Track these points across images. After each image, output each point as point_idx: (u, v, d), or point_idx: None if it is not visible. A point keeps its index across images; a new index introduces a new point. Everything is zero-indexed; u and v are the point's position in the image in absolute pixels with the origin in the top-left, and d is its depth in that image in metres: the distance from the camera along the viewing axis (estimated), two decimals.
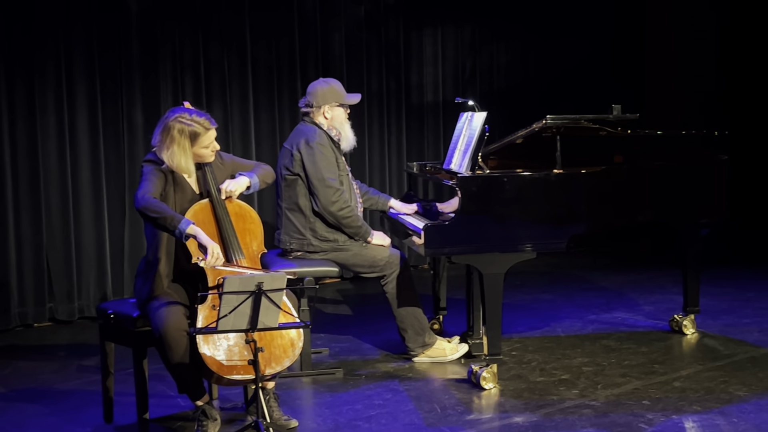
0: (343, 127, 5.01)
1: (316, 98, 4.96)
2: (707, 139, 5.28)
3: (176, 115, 3.97)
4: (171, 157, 3.94)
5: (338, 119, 4.99)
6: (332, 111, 4.97)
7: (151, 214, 3.77)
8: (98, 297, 6.35)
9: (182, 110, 4.01)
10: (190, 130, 3.94)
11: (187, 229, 3.77)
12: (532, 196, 4.50)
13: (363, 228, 4.93)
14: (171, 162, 3.95)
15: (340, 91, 5.00)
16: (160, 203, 3.81)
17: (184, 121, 3.94)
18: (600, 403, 4.28)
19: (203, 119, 3.99)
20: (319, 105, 4.95)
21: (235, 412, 4.30)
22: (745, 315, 5.87)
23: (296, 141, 4.92)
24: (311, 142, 4.86)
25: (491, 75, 8.32)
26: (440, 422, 4.10)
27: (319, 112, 4.96)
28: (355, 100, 5.06)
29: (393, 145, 7.84)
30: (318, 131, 4.92)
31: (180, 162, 3.95)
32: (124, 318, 4.01)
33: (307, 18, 7.27)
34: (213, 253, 3.80)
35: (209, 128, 3.99)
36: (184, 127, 3.93)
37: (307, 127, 4.97)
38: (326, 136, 4.93)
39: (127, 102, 6.43)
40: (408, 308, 4.94)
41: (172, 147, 3.94)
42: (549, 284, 7.08)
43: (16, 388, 4.81)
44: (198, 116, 3.99)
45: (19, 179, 6.03)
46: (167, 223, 3.77)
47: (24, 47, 6.01)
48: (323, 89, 4.98)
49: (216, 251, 3.81)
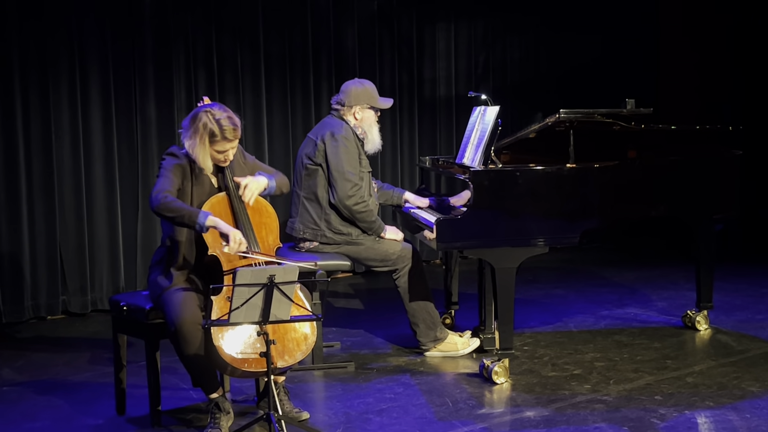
0: (371, 129, 5.03)
1: (348, 97, 4.98)
2: (721, 133, 5.26)
3: (209, 109, 3.97)
4: (192, 147, 3.96)
5: (367, 121, 5.01)
6: (363, 112, 4.99)
7: (167, 214, 3.80)
8: (111, 290, 6.37)
9: (218, 108, 3.99)
10: (211, 129, 3.93)
11: (206, 221, 3.78)
12: (544, 190, 4.49)
13: (377, 223, 4.94)
14: (191, 151, 3.97)
15: (374, 93, 5.02)
16: (175, 201, 3.82)
17: (211, 118, 3.94)
18: (612, 398, 4.27)
19: (228, 127, 3.94)
20: (351, 105, 4.97)
21: (246, 405, 4.31)
22: (758, 311, 5.85)
23: (321, 132, 4.94)
24: (336, 134, 4.88)
25: (504, 69, 8.30)
26: (451, 416, 4.10)
27: (350, 111, 4.98)
28: (388, 104, 5.08)
29: (405, 139, 7.83)
30: (345, 126, 4.95)
31: (198, 154, 3.96)
32: (137, 310, 4.02)
33: (320, 12, 7.27)
34: (235, 239, 3.81)
35: (227, 138, 3.95)
36: (208, 123, 3.93)
37: (334, 120, 4.99)
38: (352, 132, 4.95)
39: (140, 96, 6.45)
40: (420, 302, 4.94)
41: (195, 138, 3.95)
42: (561, 279, 7.07)
43: (29, 380, 4.83)
44: (226, 122, 3.94)
45: (32, 172, 6.06)
46: (186, 220, 3.79)
47: (38, 42, 6.03)
48: (357, 89, 4.99)
49: (238, 237, 3.82)
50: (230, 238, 3.81)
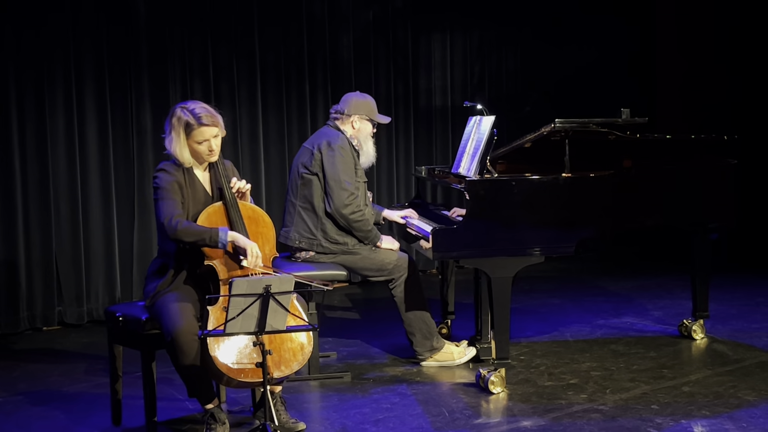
0: (367, 142, 5.07)
1: (348, 106, 5.01)
2: (717, 143, 5.26)
3: (182, 105, 4.03)
4: (170, 144, 4.01)
5: (364, 132, 5.05)
6: (361, 123, 5.02)
7: (188, 239, 3.84)
8: (107, 300, 6.36)
9: (191, 102, 4.06)
10: (186, 120, 3.97)
11: (227, 238, 3.84)
12: (540, 199, 4.50)
13: (373, 233, 4.95)
14: (171, 149, 4.00)
15: (374, 107, 5.08)
16: (191, 225, 3.86)
17: (183, 109, 4.00)
18: (608, 407, 4.27)
19: (202, 114, 3.97)
20: (350, 114, 5.00)
21: (243, 416, 4.30)
22: (754, 320, 5.85)
23: (318, 141, 4.96)
24: (333, 144, 4.90)
25: (500, 80, 8.32)
26: (448, 426, 4.10)
27: (348, 120, 5.01)
28: (385, 120, 5.14)
29: (401, 149, 7.84)
30: (341, 136, 4.98)
31: (176, 150, 3.99)
32: (133, 321, 4.02)
33: (316, 22, 7.28)
34: (252, 252, 3.86)
35: (203, 123, 3.96)
36: (182, 116, 3.98)
37: (331, 130, 5.02)
38: (348, 142, 4.97)
39: (136, 105, 6.45)
40: (416, 312, 4.94)
41: (172, 134, 4.00)
42: (557, 289, 7.07)
43: (25, 391, 4.82)
44: (200, 109, 3.99)
45: (28, 183, 6.05)
46: (208, 241, 3.84)
47: (34, 52, 6.03)
48: (358, 100, 5.04)
49: (255, 250, 3.87)
50: (248, 252, 3.86)
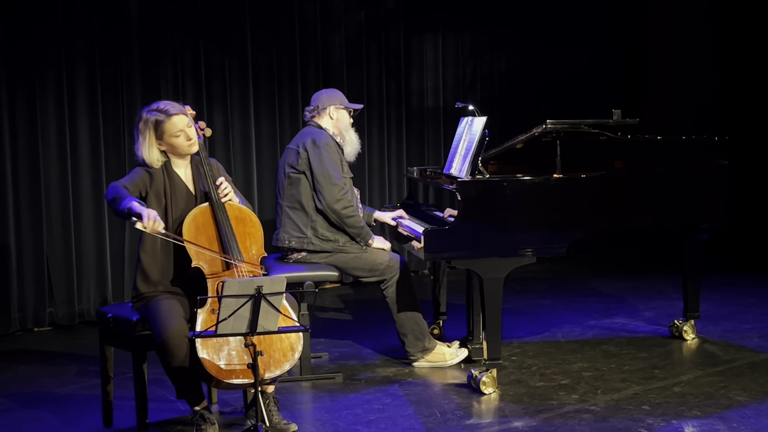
0: (348, 131, 5.10)
1: (321, 101, 5.06)
2: (708, 144, 5.28)
3: (146, 107, 4.03)
4: (140, 149, 3.99)
5: (343, 121, 5.08)
6: (337, 112, 5.06)
7: (112, 205, 3.80)
8: (98, 301, 6.34)
9: (153, 103, 4.05)
10: (153, 120, 3.96)
11: (127, 204, 3.71)
12: (532, 200, 4.50)
13: (365, 230, 4.96)
14: (143, 155, 3.98)
15: (343, 96, 5.14)
16: (114, 198, 3.79)
17: (149, 112, 3.99)
18: (600, 408, 4.27)
19: (168, 107, 3.98)
20: (324, 107, 5.04)
21: (234, 417, 4.30)
22: (745, 320, 5.87)
23: (302, 140, 4.97)
24: (318, 141, 4.91)
25: (492, 80, 8.32)
26: (440, 427, 4.10)
27: (324, 113, 5.05)
28: (358, 106, 5.20)
29: (393, 149, 7.84)
30: (324, 133, 5.00)
31: (144, 152, 3.98)
32: (124, 322, 4.01)
33: (308, 23, 7.28)
34: (149, 216, 3.70)
35: (172, 114, 3.96)
36: (149, 117, 3.97)
37: (313, 129, 5.04)
38: (332, 139, 4.99)
39: (127, 107, 6.44)
40: (408, 313, 4.94)
41: (140, 139, 3.98)
42: (549, 289, 7.08)
43: (16, 393, 4.81)
44: (164, 104, 4.00)
45: (19, 185, 6.03)
46: (124, 214, 3.74)
47: (25, 53, 6.02)
48: (328, 93, 5.12)
49: (152, 215, 3.70)
50: (144, 215, 3.69)
